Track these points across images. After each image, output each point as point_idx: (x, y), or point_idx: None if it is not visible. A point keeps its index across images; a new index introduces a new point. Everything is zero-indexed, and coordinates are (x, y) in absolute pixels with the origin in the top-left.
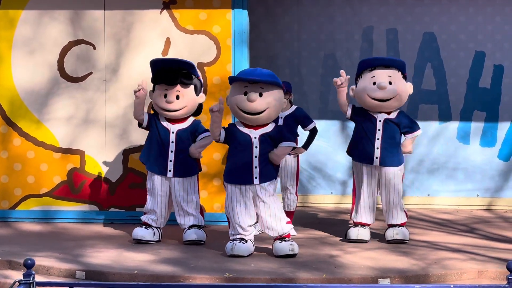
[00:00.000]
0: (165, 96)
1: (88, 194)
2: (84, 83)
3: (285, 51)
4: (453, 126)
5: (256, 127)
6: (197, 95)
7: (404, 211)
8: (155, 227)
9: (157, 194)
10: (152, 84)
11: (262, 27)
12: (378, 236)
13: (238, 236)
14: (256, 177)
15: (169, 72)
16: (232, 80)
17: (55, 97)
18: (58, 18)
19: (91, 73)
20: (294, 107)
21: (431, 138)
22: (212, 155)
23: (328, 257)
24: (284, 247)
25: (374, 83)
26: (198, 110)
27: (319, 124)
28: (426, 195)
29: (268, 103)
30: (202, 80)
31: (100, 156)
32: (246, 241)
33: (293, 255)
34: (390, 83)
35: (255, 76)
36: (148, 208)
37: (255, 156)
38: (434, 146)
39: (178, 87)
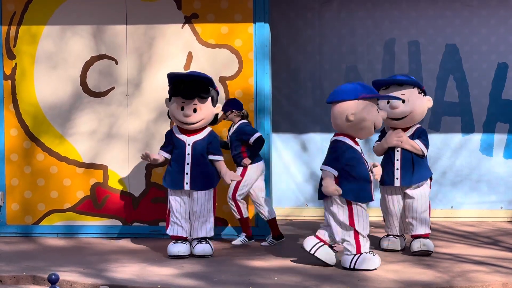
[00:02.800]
0: (182, 108)
1: (111, 209)
2: (107, 97)
3: (307, 64)
4: (476, 138)
5: None
6: (214, 106)
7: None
8: (188, 241)
9: (179, 208)
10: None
11: (283, 40)
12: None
13: None
14: None
15: (187, 86)
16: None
17: (78, 112)
18: (80, 33)
19: (113, 87)
20: (238, 123)
21: (454, 150)
22: (234, 169)
23: (352, 271)
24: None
25: (388, 102)
26: (214, 120)
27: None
28: (449, 208)
29: None
30: (219, 90)
31: (123, 170)
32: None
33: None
34: (403, 101)
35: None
36: (172, 219)
37: None
38: (457, 158)
39: (196, 100)
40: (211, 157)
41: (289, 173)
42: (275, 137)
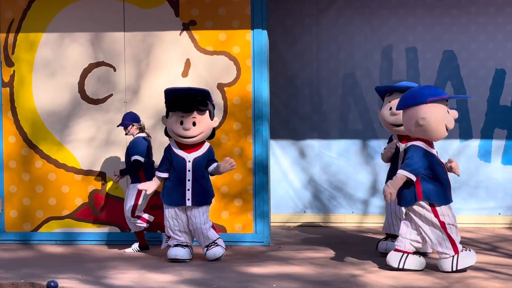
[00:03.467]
0: (181, 123)
1: (109, 215)
2: (105, 104)
3: (305, 71)
4: (474, 144)
5: None
6: (211, 119)
7: None
8: (190, 246)
9: (177, 224)
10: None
11: (281, 47)
12: None
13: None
14: None
15: (186, 99)
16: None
17: (76, 119)
18: (78, 40)
19: (111, 94)
20: (136, 136)
21: (452, 156)
22: (233, 176)
23: (350, 277)
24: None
25: (391, 108)
26: (212, 134)
27: (339, 143)
28: None
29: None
30: (215, 104)
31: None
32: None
33: None
34: None
35: None
36: (170, 233)
37: None
38: None
39: (195, 113)
40: (211, 167)
41: (287, 180)
42: (273, 143)
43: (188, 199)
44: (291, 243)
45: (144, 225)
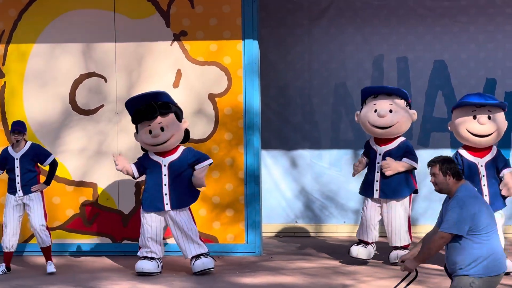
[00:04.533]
0: (150, 132)
1: (101, 226)
2: (96, 115)
3: (296, 81)
4: None
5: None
6: (180, 121)
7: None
8: (157, 259)
9: (150, 231)
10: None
11: (272, 57)
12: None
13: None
14: None
15: (146, 107)
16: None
17: (67, 130)
18: (69, 51)
19: (102, 105)
20: (29, 144)
21: None
22: (224, 186)
23: (342, 287)
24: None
25: (376, 111)
26: (186, 137)
27: (330, 153)
28: None
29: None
30: (180, 107)
31: (113, 188)
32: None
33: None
34: (390, 111)
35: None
36: (143, 243)
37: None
38: None
39: (159, 118)
40: (198, 166)
41: (279, 190)
42: (265, 153)
43: (167, 204)
44: (283, 253)
45: (50, 241)
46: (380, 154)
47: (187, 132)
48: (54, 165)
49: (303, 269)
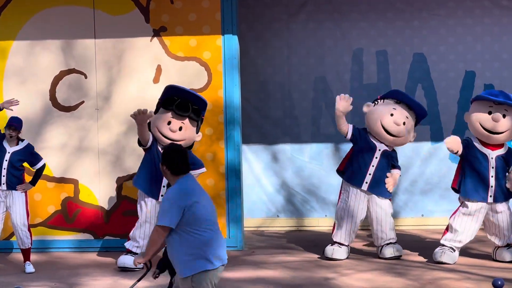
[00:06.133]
0: (169, 123)
1: (82, 223)
2: (77, 111)
3: (276, 76)
4: (445, 146)
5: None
6: (197, 132)
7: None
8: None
9: (145, 221)
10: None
11: (252, 52)
12: (371, 255)
13: None
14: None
15: (183, 102)
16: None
17: (48, 126)
18: (49, 48)
19: (83, 101)
20: (25, 143)
21: (424, 159)
22: (206, 181)
23: (323, 280)
24: None
25: (392, 115)
26: (190, 146)
27: (311, 147)
28: (420, 216)
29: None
30: (203, 119)
31: (94, 184)
32: None
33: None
34: (404, 123)
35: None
36: (133, 235)
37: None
38: (427, 167)
39: (185, 119)
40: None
41: (260, 184)
42: (246, 148)
43: (162, 195)
44: (265, 247)
45: (30, 243)
46: (379, 150)
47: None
48: (42, 169)
49: (285, 263)
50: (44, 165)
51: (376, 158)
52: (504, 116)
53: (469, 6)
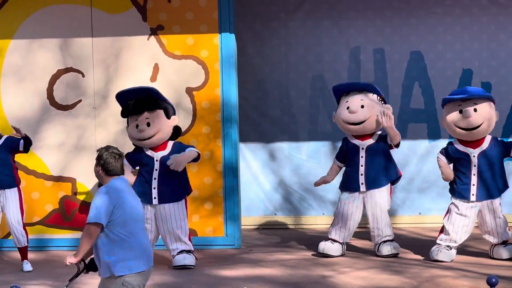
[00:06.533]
0: (137, 126)
1: (80, 221)
2: (74, 110)
3: (273, 74)
4: (443, 144)
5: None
6: (169, 118)
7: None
8: None
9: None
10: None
11: (249, 50)
12: (369, 253)
13: None
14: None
15: (135, 102)
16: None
17: (45, 125)
18: (47, 47)
19: (80, 100)
20: (4, 137)
21: (421, 156)
22: (203, 179)
23: (320, 278)
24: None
25: (348, 108)
26: (176, 133)
27: (309, 145)
28: (417, 214)
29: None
30: (172, 103)
31: (91, 183)
32: None
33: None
34: (362, 106)
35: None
36: None
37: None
38: (424, 165)
39: (147, 114)
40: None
41: (257, 182)
42: (243, 146)
43: (155, 198)
44: (262, 246)
45: (26, 242)
46: (363, 148)
47: (177, 128)
48: (28, 140)
49: (283, 261)
50: (27, 138)
51: (362, 157)
52: (475, 110)
53: (466, 4)
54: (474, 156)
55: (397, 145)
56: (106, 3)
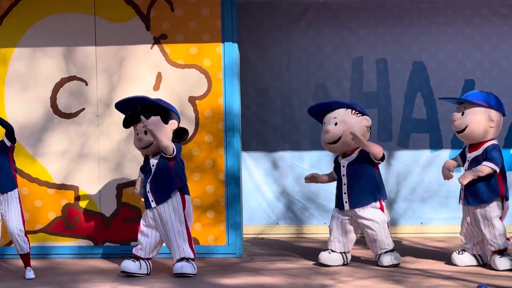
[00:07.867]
0: (137, 135)
1: (82, 229)
2: (77, 118)
3: (276, 83)
4: (445, 154)
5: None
6: (166, 123)
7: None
8: (144, 259)
9: (145, 226)
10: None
11: (252, 59)
12: (370, 263)
13: None
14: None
15: (131, 113)
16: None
17: (49, 133)
18: (50, 55)
19: (83, 108)
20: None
21: (423, 166)
22: (205, 188)
23: (321, 287)
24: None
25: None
26: (179, 136)
27: (311, 154)
28: (419, 224)
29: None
30: (169, 107)
31: (94, 190)
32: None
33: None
34: (336, 124)
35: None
36: (138, 239)
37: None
38: (426, 175)
39: (145, 121)
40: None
41: (259, 191)
42: (245, 155)
43: (152, 201)
44: (264, 254)
45: (28, 248)
46: (344, 166)
47: (178, 132)
48: (8, 129)
49: (284, 269)
50: (7, 127)
51: (344, 175)
52: (462, 114)
53: (468, 14)
54: (468, 161)
55: (382, 159)
56: (109, 12)
